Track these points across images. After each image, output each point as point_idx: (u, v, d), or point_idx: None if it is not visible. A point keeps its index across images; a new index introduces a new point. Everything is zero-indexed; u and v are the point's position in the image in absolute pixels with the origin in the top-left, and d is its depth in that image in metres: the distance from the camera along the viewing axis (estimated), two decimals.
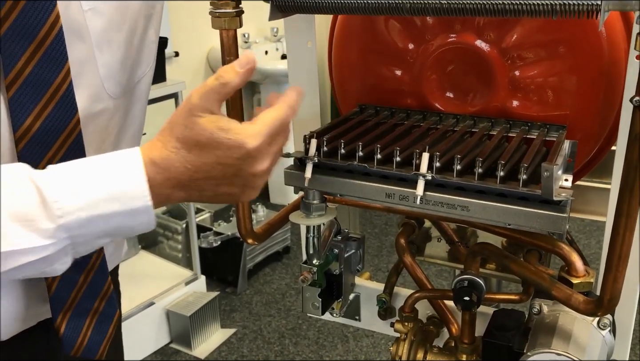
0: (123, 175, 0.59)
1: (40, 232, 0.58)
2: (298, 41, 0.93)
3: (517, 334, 0.79)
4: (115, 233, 0.61)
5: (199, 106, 0.60)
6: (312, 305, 0.89)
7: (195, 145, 0.60)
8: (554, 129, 0.81)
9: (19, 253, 0.58)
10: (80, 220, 0.58)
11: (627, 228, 0.61)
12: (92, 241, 0.61)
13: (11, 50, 0.63)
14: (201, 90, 0.61)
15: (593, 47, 0.78)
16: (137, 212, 0.60)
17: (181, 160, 0.60)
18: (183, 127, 0.61)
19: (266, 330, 2.58)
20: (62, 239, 0.59)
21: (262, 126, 0.62)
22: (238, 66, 0.62)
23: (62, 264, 0.61)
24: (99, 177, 0.59)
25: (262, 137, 0.62)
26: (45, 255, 0.59)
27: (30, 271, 0.60)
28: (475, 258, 0.85)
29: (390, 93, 0.90)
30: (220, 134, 0.60)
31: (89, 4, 0.68)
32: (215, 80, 0.61)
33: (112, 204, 0.59)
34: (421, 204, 0.72)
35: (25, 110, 0.66)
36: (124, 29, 0.74)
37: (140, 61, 0.80)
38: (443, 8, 0.62)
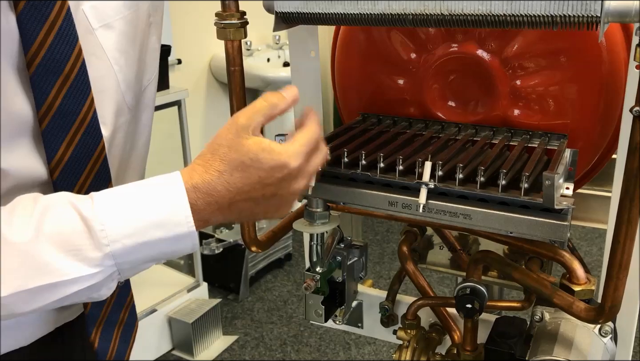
0: (167, 202, 0.60)
1: (88, 261, 0.59)
2: (301, 51, 0.94)
3: (519, 341, 0.79)
4: (159, 258, 0.63)
5: (247, 126, 0.62)
6: (315, 312, 0.90)
7: (239, 166, 0.61)
8: (555, 138, 0.82)
9: (67, 283, 0.59)
10: (126, 248, 0.59)
11: (627, 236, 0.62)
12: (137, 266, 0.62)
13: (42, 85, 0.65)
14: (248, 111, 0.63)
15: (593, 57, 0.79)
16: (181, 237, 0.61)
17: (223, 183, 0.61)
18: (227, 148, 0.62)
19: (268, 337, 2.58)
20: (109, 267, 0.60)
21: (300, 146, 0.64)
22: (285, 93, 0.65)
23: (108, 290, 0.63)
24: (143, 204, 0.60)
25: (302, 157, 0.64)
26: (93, 283, 0.60)
27: (78, 298, 0.61)
28: (478, 266, 0.86)
29: (393, 102, 0.91)
30: (264, 155, 0.61)
31: (98, 22, 0.69)
32: (263, 101, 0.64)
33: (156, 231, 0.60)
34: (424, 213, 0.73)
35: (57, 141, 0.67)
36: (137, 40, 0.75)
37: (145, 69, 0.81)
38: (445, 19, 0.63)
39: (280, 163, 0.62)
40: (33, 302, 0.59)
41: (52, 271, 0.58)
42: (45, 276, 0.58)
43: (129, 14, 0.73)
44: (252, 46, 3.02)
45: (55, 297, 0.60)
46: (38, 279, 0.58)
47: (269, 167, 0.62)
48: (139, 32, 0.76)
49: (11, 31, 0.62)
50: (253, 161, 0.61)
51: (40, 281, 0.58)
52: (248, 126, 0.62)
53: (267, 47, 3.14)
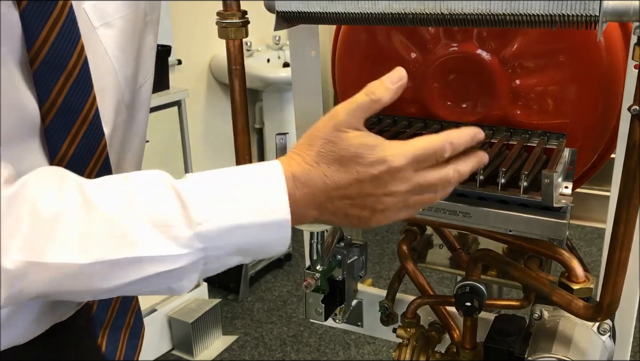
0: (265, 187, 0.58)
1: (177, 240, 0.56)
2: (302, 50, 0.95)
3: (518, 339, 0.79)
4: (249, 250, 0.59)
5: (346, 122, 0.58)
6: (315, 311, 0.90)
7: (337, 160, 0.58)
8: (554, 137, 0.82)
9: (152, 260, 0.56)
10: (219, 229, 0.56)
11: (625, 234, 0.63)
12: (224, 257, 0.59)
13: (45, 82, 0.65)
14: (349, 106, 0.59)
15: (592, 57, 0.79)
16: (275, 225, 0.58)
17: (320, 175, 0.59)
18: (326, 141, 0.59)
19: (268, 337, 2.58)
20: (197, 250, 0.57)
21: (409, 148, 0.59)
22: (389, 82, 0.60)
23: (190, 282, 0.59)
24: (240, 187, 0.58)
25: (407, 159, 0.59)
26: (177, 267, 0.57)
27: (157, 284, 0.58)
28: (477, 264, 0.86)
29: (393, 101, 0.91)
30: (365, 150, 0.58)
31: (99, 20, 0.70)
32: (365, 96, 0.59)
33: (251, 214, 0.57)
34: (423, 211, 0.73)
35: (60, 138, 0.67)
36: (135, 39, 0.75)
37: (140, 67, 0.82)
38: (445, 19, 0.64)
39: (380, 159, 0.58)
40: (114, 277, 0.56)
41: (138, 244, 0.55)
42: (130, 249, 0.55)
43: (129, 13, 0.73)
44: (252, 47, 3.02)
45: (136, 275, 0.56)
46: (123, 251, 0.55)
47: (368, 162, 0.58)
48: (137, 31, 0.76)
49: (13, 27, 0.62)
50: (353, 155, 0.58)
51: (125, 254, 0.55)
52: (349, 121, 0.58)
53: (267, 47, 3.15)
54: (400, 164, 0.58)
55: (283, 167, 0.58)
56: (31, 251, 0.54)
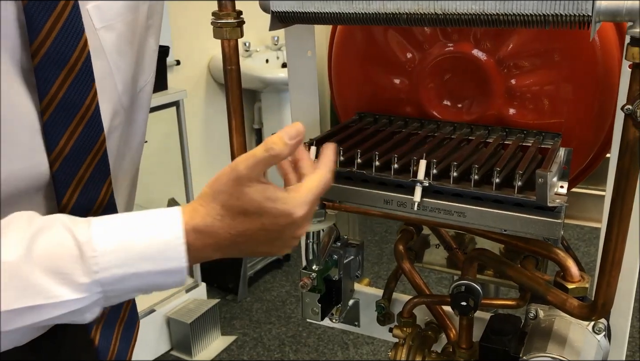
0: (161, 236, 0.60)
1: (75, 286, 0.59)
2: (298, 50, 0.95)
3: (513, 338, 0.80)
4: (146, 289, 0.62)
5: (247, 176, 0.60)
6: (311, 311, 0.90)
7: (241, 213, 0.61)
8: (550, 137, 0.82)
9: (53, 306, 0.59)
10: (115, 277, 0.59)
11: (619, 233, 0.63)
12: (123, 295, 0.62)
13: (45, 76, 0.65)
14: (249, 161, 0.60)
15: (587, 57, 0.79)
16: (171, 272, 0.61)
17: (225, 227, 0.61)
18: (229, 195, 0.61)
19: (266, 337, 2.58)
20: (96, 293, 0.60)
21: (308, 195, 0.63)
22: (287, 137, 0.61)
23: (92, 314, 0.62)
24: (138, 236, 0.60)
25: (307, 206, 0.63)
26: (78, 308, 0.60)
27: (59, 320, 0.61)
28: (473, 264, 0.86)
29: (389, 101, 0.92)
30: (268, 204, 0.61)
31: (101, 22, 0.70)
32: (264, 152, 0.60)
33: (147, 263, 0.60)
34: (418, 211, 0.74)
35: (58, 132, 0.67)
36: (135, 43, 0.75)
37: (141, 71, 0.82)
38: (439, 19, 0.64)
39: (284, 212, 0.61)
40: (15, 322, 0.59)
41: (38, 293, 0.58)
42: (31, 298, 0.58)
43: (129, 16, 0.73)
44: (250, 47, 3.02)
45: (38, 319, 0.59)
46: (23, 301, 0.58)
47: (272, 216, 0.61)
48: (137, 35, 0.76)
49: (10, 23, 0.62)
50: (256, 209, 0.61)
51: (25, 303, 0.58)
52: (249, 175, 0.60)
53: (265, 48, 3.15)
54: (302, 213, 0.62)
55: (185, 219, 0.61)
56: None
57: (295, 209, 0.62)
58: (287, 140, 0.61)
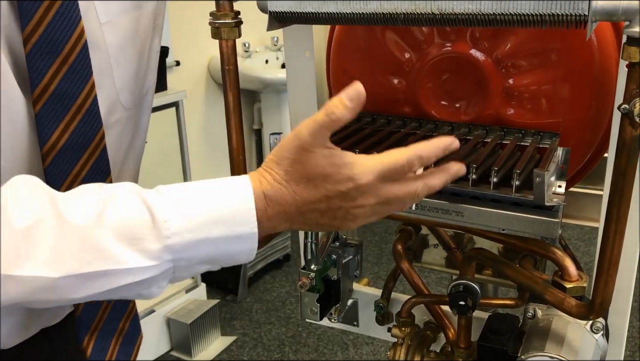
0: (232, 200, 0.59)
1: (146, 252, 0.57)
2: (296, 51, 0.95)
3: (511, 338, 0.80)
4: (217, 259, 0.61)
5: (310, 142, 0.59)
6: (310, 310, 0.91)
7: (305, 178, 0.60)
8: (548, 137, 0.83)
9: (122, 272, 0.57)
10: (187, 242, 0.58)
11: (616, 232, 0.63)
12: (193, 266, 0.60)
13: (37, 66, 0.63)
14: (311, 125, 0.59)
15: (585, 57, 0.79)
16: (242, 238, 0.59)
17: (291, 193, 0.60)
18: (292, 160, 0.60)
19: (266, 338, 2.58)
20: (166, 261, 0.58)
21: (376, 164, 0.61)
22: (348, 99, 0.59)
23: (159, 288, 0.61)
24: (208, 201, 0.59)
25: (374, 175, 0.60)
26: (146, 277, 0.58)
27: (127, 292, 0.59)
28: (471, 263, 0.86)
29: (387, 101, 0.92)
30: (333, 169, 0.59)
31: (106, 17, 0.69)
32: (325, 116, 0.59)
33: (219, 228, 0.58)
34: (416, 210, 0.74)
35: (51, 125, 0.66)
36: (137, 41, 0.75)
37: (148, 71, 0.82)
38: (436, 19, 0.64)
39: (347, 177, 0.60)
40: (85, 288, 0.57)
41: (109, 258, 0.56)
42: (101, 263, 0.56)
43: (133, 13, 0.73)
44: (250, 48, 3.02)
45: (107, 286, 0.57)
46: (93, 265, 0.56)
47: (335, 180, 0.59)
48: (140, 33, 0.76)
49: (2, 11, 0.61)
50: (320, 174, 0.59)
51: (95, 267, 0.56)
52: (312, 141, 0.59)
53: (265, 48, 3.15)
54: (367, 181, 0.60)
55: (254, 186, 0.60)
56: (3, 264, 0.55)
57: (359, 175, 0.59)
58: (348, 102, 0.59)
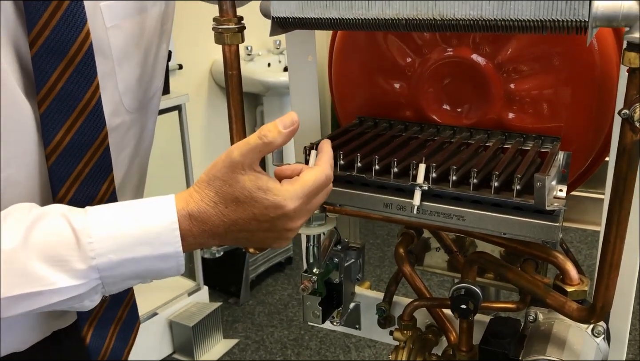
0: (156, 221, 0.61)
1: (73, 272, 0.59)
2: (299, 55, 0.96)
3: (512, 341, 0.80)
4: (144, 275, 0.63)
5: (241, 163, 0.61)
6: (312, 314, 0.91)
7: (234, 201, 0.62)
8: (549, 141, 0.83)
9: (50, 293, 0.59)
10: (112, 262, 0.60)
11: (617, 236, 0.63)
12: (121, 281, 0.63)
13: (43, 67, 0.64)
14: (243, 147, 0.61)
15: (586, 61, 0.80)
16: (167, 257, 0.62)
17: (218, 214, 0.62)
18: (222, 182, 0.62)
19: (268, 341, 2.58)
20: (93, 280, 0.60)
21: (301, 188, 0.63)
22: (282, 125, 0.62)
23: (91, 301, 0.63)
24: (133, 221, 0.61)
25: (300, 200, 0.63)
26: (76, 295, 0.60)
27: (59, 307, 0.61)
28: (472, 267, 0.86)
29: (389, 106, 0.92)
30: (259, 194, 0.61)
31: (111, 21, 0.70)
32: (258, 139, 0.61)
33: (143, 248, 0.60)
34: (418, 214, 0.74)
35: (56, 125, 0.67)
36: (142, 45, 0.75)
37: (154, 76, 0.82)
38: (437, 24, 0.64)
39: (275, 204, 0.62)
40: (13, 309, 0.59)
41: (36, 280, 0.58)
42: (28, 285, 0.58)
43: (137, 18, 0.74)
44: (252, 51, 3.03)
45: (36, 305, 0.60)
46: (21, 288, 0.58)
47: (263, 207, 0.62)
48: (145, 37, 0.76)
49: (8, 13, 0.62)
50: (248, 198, 0.61)
51: (23, 290, 0.58)
52: (242, 162, 0.61)
53: (267, 52, 3.16)
54: (294, 207, 0.63)
55: (180, 206, 0.62)
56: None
57: (286, 201, 0.62)
58: (282, 128, 0.62)
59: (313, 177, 0.65)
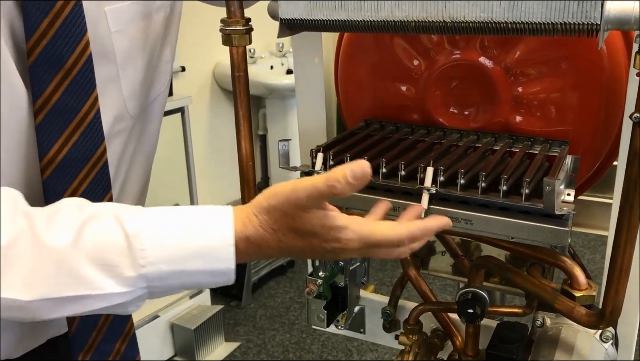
0: (213, 236, 0.59)
1: (122, 279, 0.57)
2: (305, 57, 0.95)
3: (520, 346, 0.79)
4: (192, 287, 0.61)
5: (307, 205, 0.59)
6: (317, 317, 0.90)
7: (294, 230, 0.60)
8: (557, 145, 0.82)
9: (96, 298, 0.57)
10: (162, 273, 0.58)
11: (627, 241, 0.63)
12: (168, 291, 0.60)
13: (40, 77, 0.63)
14: (310, 191, 0.58)
15: (594, 65, 0.79)
16: (219, 273, 0.59)
17: (275, 240, 0.60)
18: (284, 214, 0.59)
19: (270, 344, 2.58)
20: (140, 288, 0.58)
21: (366, 235, 0.61)
22: (352, 177, 0.57)
23: (135, 307, 0.61)
24: (189, 233, 0.58)
25: (361, 244, 0.61)
26: (120, 302, 0.58)
27: (101, 312, 0.59)
28: (479, 271, 0.86)
29: (395, 108, 0.92)
30: (322, 230, 0.60)
31: (116, 26, 0.69)
32: (326, 187, 0.58)
33: (196, 261, 0.58)
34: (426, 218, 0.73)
35: (51, 138, 0.65)
36: (146, 49, 0.75)
37: (155, 80, 0.81)
38: (447, 27, 0.64)
39: (335, 238, 0.60)
40: (57, 311, 0.57)
41: (83, 283, 0.56)
42: (75, 288, 0.56)
43: (141, 22, 0.73)
44: (255, 54, 3.03)
45: (81, 309, 0.58)
46: (67, 290, 0.56)
47: (323, 240, 0.60)
48: (149, 42, 0.76)
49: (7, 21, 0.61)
50: (309, 232, 0.60)
51: (70, 292, 0.56)
52: (309, 206, 0.59)
53: (270, 54, 3.15)
54: (352, 247, 0.61)
55: (238, 227, 0.59)
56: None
57: (348, 241, 0.60)
58: (352, 180, 0.58)
59: (385, 233, 0.62)
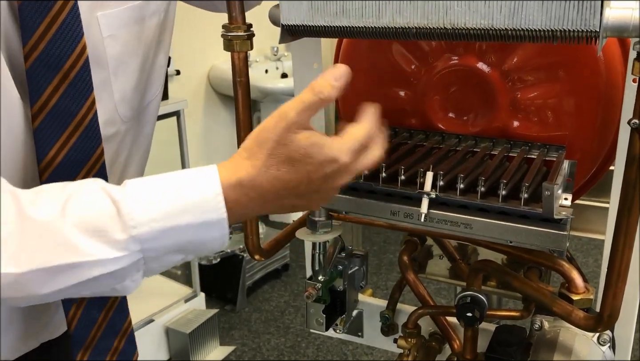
0: (199, 188, 0.58)
1: (113, 243, 0.56)
2: (304, 62, 0.96)
3: (518, 350, 0.80)
4: (187, 248, 0.60)
5: (297, 123, 0.59)
6: (316, 321, 0.91)
7: (287, 161, 0.59)
8: (554, 150, 0.83)
9: (89, 265, 0.56)
10: (153, 231, 0.57)
11: (625, 245, 0.63)
12: (163, 256, 0.60)
13: (37, 81, 0.63)
14: (298, 106, 0.59)
15: (591, 71, 0.80)
16: (211, 225, 0.58)
17: (270, 178, 0.59)
18: (276, 143, 0.59)
19: (265, 348, 2.58)
20: (135, 252, 0.57)
21: (353, 141, 0.62)
22: (333, 79, 0.60)
23: (133, 282, 0.60)
24: (173, 190, 0.58)
25: (353, 153, 0.62)
26: (117, 268, 0.57)
27: (100, 287, 0.59)
28: (478, 275, 0.87)
29: (394, 113, 0.92)
30: (314, 150, 0.59)
31: (108, 31, 0.69)
32: (313, 95, 0.59)
33: (186, 216, 0.57)
34: (425, 222, 0.74)
35: (49, 141, 0.65)
36: (139, 54, 0.75)
37: (149, 85, 0.81)
38: (448, 33, 0.65)
39: (330, 157, 0.60)
40: (51, 282, 0.56)
41: (74, 250, 0.55)
42: (66, 255, 0.55)
43: (134, 27, 0.74)
44: (250, 58, 3.04)
45: (75, 279, 0.56)
46: (58, 258, 0.55)
47: (317, 162, 0.59)
48: (142, 47, 0.76)
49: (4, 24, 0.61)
50: (303, 155, 0.59)
51: (61, 260, 0.55)
52: (298, 121, 0.59)
53: (265, 58, 3.16)
54: (348, 159, 0.61)
55: (227, 174, 0.59)
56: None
57: (340, 154, 0.60)
58: (334, 82, 0.60)
59: (363, 131, 0.63)
